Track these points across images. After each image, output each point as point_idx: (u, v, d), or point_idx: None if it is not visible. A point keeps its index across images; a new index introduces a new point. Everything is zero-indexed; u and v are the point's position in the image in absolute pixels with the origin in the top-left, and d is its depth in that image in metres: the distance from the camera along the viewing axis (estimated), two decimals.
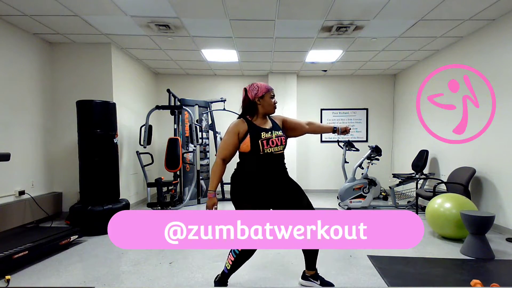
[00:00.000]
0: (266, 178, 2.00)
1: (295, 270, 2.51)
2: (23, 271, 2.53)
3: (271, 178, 2.01)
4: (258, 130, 1.98)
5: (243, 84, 6.24)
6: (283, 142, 2.02)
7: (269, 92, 2.03)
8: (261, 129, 2.00)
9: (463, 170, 3.90)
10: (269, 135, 1.98)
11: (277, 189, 2.02)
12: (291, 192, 2.07)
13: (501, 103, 3.50)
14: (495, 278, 2.42)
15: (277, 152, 2.00)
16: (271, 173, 2.01)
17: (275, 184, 2.02)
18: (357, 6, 3.24)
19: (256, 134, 1.96)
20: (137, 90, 5.30)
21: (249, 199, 1.98)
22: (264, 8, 3.26)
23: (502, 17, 3.46)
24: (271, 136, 1.98)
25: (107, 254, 2.91)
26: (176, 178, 4.91)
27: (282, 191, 2.04)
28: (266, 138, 1.96)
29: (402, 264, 2.66)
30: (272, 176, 2.01)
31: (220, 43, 4.36)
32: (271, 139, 1.98)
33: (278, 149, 2.00)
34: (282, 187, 2.04)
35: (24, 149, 3.78)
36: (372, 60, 5.25)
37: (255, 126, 2.00)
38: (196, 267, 2.60)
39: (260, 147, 1.94)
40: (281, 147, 2.01)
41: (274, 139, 1.98)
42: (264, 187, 1.99)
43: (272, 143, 1.97)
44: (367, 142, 6.36)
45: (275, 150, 1.98)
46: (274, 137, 1.99)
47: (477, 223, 2.80)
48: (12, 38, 3.63)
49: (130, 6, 3.21)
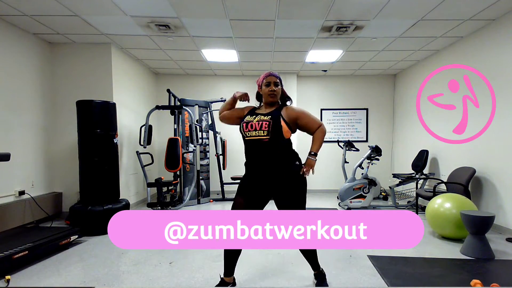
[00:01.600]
0: (252, 166, 1.99)
1: (295, 270, 2.51)
2: (23, 271, 2.53)
3: (256, 168, 1.97)
4: (249, 113, 2.02)
5: (243, 84, 6.26)
6: (263, 127, 1.88)
7: (264, 79, 2.02)
8: (252, 112, 2.02)
9: (463, 170, 3.90)
10: (251, 118, 1.96)
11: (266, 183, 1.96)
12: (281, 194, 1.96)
13: (501, 103, 3.50)
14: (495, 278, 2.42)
15: (258, 138, 1.90)
16: (256, 162, 1.96)
17: (260, 175, 1.96)
18: (357, 6, 3.24)
19: (245, 116, 2.02)
20: (137, 90, 5.29)
21: (238, 190, 2.05)
22: (264, 8, 3.26)
23: (502, 17, 3.46)
24: (251, 120, 1.94)
25: (107, 254, 2.91)
26: (176, 178, 4.91)
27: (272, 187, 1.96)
28: (246, 121, 1.96)
29: (402, 264, 2.65)
30: (257, 166, 1.96)
31: (220, 43, 4.36)
32: (251, 123, 1.93)
33: (257, 134, 1.90)
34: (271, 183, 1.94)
35: (24, 149, 3.78)
36: (372, 60, 5.25)
37: (252, 110, 2.06)
38: (196, 267, 2.60)
39: (242, 129, 1.97)
40: (260, 132, 1.89)
41: (254, 122, 1.92)
42: (250, 175, 2.01)
43: (251, 127, 1.93)
44: (367, 142, 6.36)
45: (254, 135, 1.91)
46: (255, 121, 1.92)
47: (477, 223, 2.80)
48: (12, 38, 3.63)
49: (130, 6, 3.21)
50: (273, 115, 1.95)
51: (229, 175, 5.76)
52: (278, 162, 1.95)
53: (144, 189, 5.41)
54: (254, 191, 1.99)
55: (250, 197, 1.99)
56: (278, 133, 1.92)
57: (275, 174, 1.95)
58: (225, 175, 5.76)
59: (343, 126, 6.42)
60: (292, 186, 1.97)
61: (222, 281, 2.08)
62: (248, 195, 2.00)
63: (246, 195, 2.00)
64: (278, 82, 2.03)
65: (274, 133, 1.91)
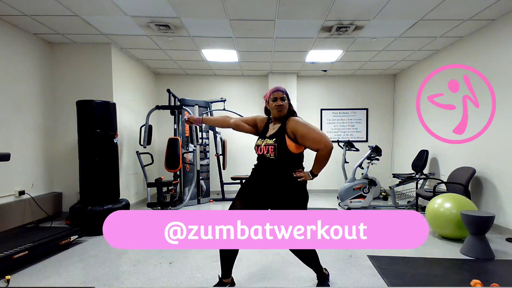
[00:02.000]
0: (256, 176, 2.08)
1: (295, 271, 2.51)
2: (23, 271, 2.53)
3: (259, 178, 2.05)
4: (260, 134, 2.14)
5: (243, 84, 6.27)
6: (270, 152, 1.96)
7: (271, 95, 2.05)
8: (262, 134, 2.11)
9: (463, 170, 3.90)
10: (260, 142, 2.06)
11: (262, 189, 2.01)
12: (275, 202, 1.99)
13: (501, 103, 3.50)
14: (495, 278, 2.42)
15: (268, 157, 1.99)
16: (260, 174, 2.05)
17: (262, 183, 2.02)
18: (357, 6, 3.24)
19: (257, 136, 2.15)
20: (137, 90, 5.29)
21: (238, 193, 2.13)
22: (264, 8, 3.26)
23: (502, 17, 3.46)
24: (260, 144, 2.05)
25: (107, 254, 2.91)
26: (176, 178, 4.91)
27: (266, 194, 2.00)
28: (257, 145, 2.07)
29: (402, 264, 2.66)
30: (260, 177, 2.04)
31: (220, 43, 4.36)
32: (260, 147, 2.04)
33: (266, 156, 2.00)
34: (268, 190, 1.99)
35: (24, 149, 3.78)
36: (372, 60, 5.25)
37: (265, 128, 2.14)
38: (196, 267, 2.60)
39: (255, 149, 2.10)
40: (268, 155, 1.98)
41: (262, 147, 2.02)
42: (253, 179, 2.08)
43: (260, 151, 2.04)
44: (367, 142, 6.36)
45: (263, 154, 2.02)
46: (263, 145, 2.02)
47: (477, 223, 2.80)
48: (12, 38, 3.63)
49: (130, 6, 3.21)
50: (278, 137, 1.98)
51: (229, 175, 5.76)
52: (281, 176, 1.98)
53: (144, 189, 5.41)
54: (253, 197, 2.02)
55: (248, 201, 2.01)
56: (285, 153, 1.97)
57: (277, 186, 1.98)
58: (225, 175, 5.76)
59: (343, 126, 6.42)
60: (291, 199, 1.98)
61: (220, 282, 2.10)
62: (246, 199, 2.03)
63: (244, 198, 2.04)
64: (284, 97, 2.05)
65: (280, 154, 1.96)
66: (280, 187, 1.97)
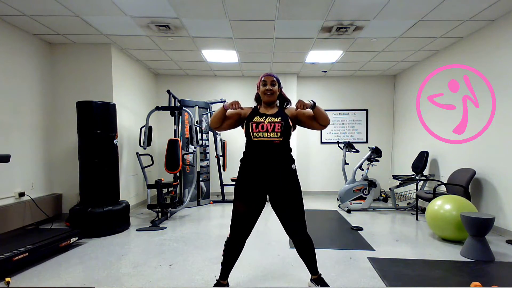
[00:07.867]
0: (254, 166, 1.94)
1: (295, 273, 2.51)
2: (23, 273, 2.53)
3: (259, 167, 1.93)
4: (254, 114, 2.00)
5: (243, 85, 6.26)
6: (276, 129, 1.88)
7: (261, 80, 2.05)
8: (258, 113, 2.00)
9: (463, 172, 3.89)
10: (261, 119, 1.94)
11: (267, 184, 1.93)
12: (280, 196, 1.94)
13: (501, 103, 3.49)
14: (495, 280, 2.42)
15: (268, 140, 1.89)
16: (261, 161, 1.92)
17: (265, 178, 1.92)
18: (357, 7, 3.24)
19: (251, 116, 1.98)
20: (137, 91, 5.29)
21: (238, 194, 1.99)
22: (264, 8, 3.26)
23: (502, 17, 3.46)
24: (262, 121, 1.93)
25: (107, 256, 2.90)
26: (176, 179, 4.91)
27: (272, 188, 1.94)
28: (256, 122, 1.93)
29: (402, 266, 2.65)
30: (262, 165, 1.92)
31: (220, 43, 4.36)
32: (262, 124, 1.92)
33: (269, 136, 1.89)
34: (273, 183, 1.92)
35: (24, 151, 3.78)
36: (372, 61, 5.25)
37: (255, 110, 2.04)
38: (196, 269, 2.59)
39: (250, 130, 1.93)
40: (273, 134, 1.89)
41: (265, 124, 1.91)
42: (247, 175, 1.96)
43: (262, 128, 1.91)
44: (367, 143, 6.36)
45: (266, 136, 1.90)
46: (266, 122, 1.92)
47: (477, 225, 2.80)
48: (12, 39, 3.62)
49: (130, 6, 3.21)
50: (283, 117, 1.96)
51: (229, 177, 5.75)
52: (283, 162, 1.95)
53: (144, 190, 5.41)
54: (253, 194, 1.97)
55: (250, 202, 1.96)
56: (288, 135, 1.96)
57: (278, 173, 1.93)
58: (225, 176, 5.76)
59: (343, 127, 6.41)
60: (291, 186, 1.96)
61: (218, 283, 2.11)
62: (248, 200, 1.97)
63: (246, 199, 1.97)
64: (274, 82, 2.04)
65: (286, 135, 1.94)
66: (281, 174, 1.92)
